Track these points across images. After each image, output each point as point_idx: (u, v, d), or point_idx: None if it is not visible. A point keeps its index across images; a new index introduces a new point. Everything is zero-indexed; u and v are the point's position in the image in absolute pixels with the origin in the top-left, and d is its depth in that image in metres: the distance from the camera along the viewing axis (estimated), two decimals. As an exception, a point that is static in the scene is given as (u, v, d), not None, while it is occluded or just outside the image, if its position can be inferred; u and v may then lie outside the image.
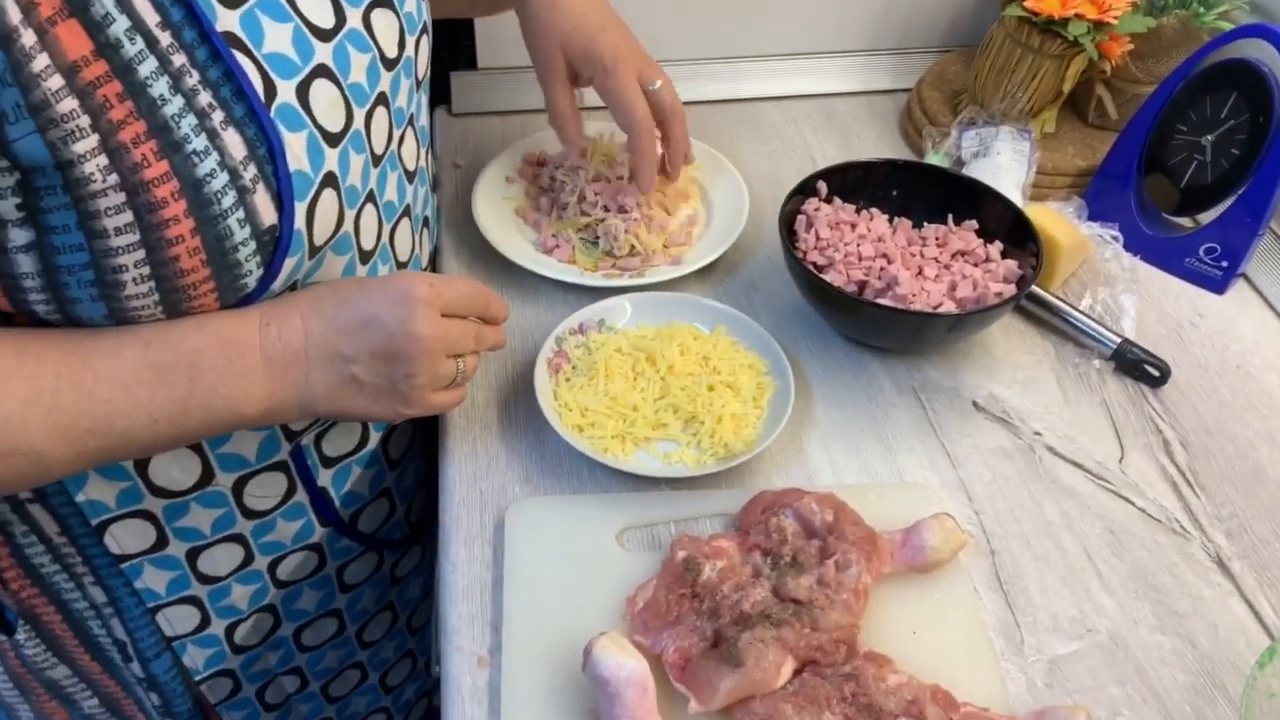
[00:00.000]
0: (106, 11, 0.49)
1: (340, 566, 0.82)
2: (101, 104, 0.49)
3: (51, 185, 0.50)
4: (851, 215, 0.83)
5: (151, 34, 0.50)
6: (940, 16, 1.06)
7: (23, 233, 0.51)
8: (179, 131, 0.51)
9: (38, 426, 0.54)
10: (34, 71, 0.47)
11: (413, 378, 0.61)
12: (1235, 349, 0.82)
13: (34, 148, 0.48)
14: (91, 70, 0.48)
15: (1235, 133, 0.84)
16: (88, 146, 0.49)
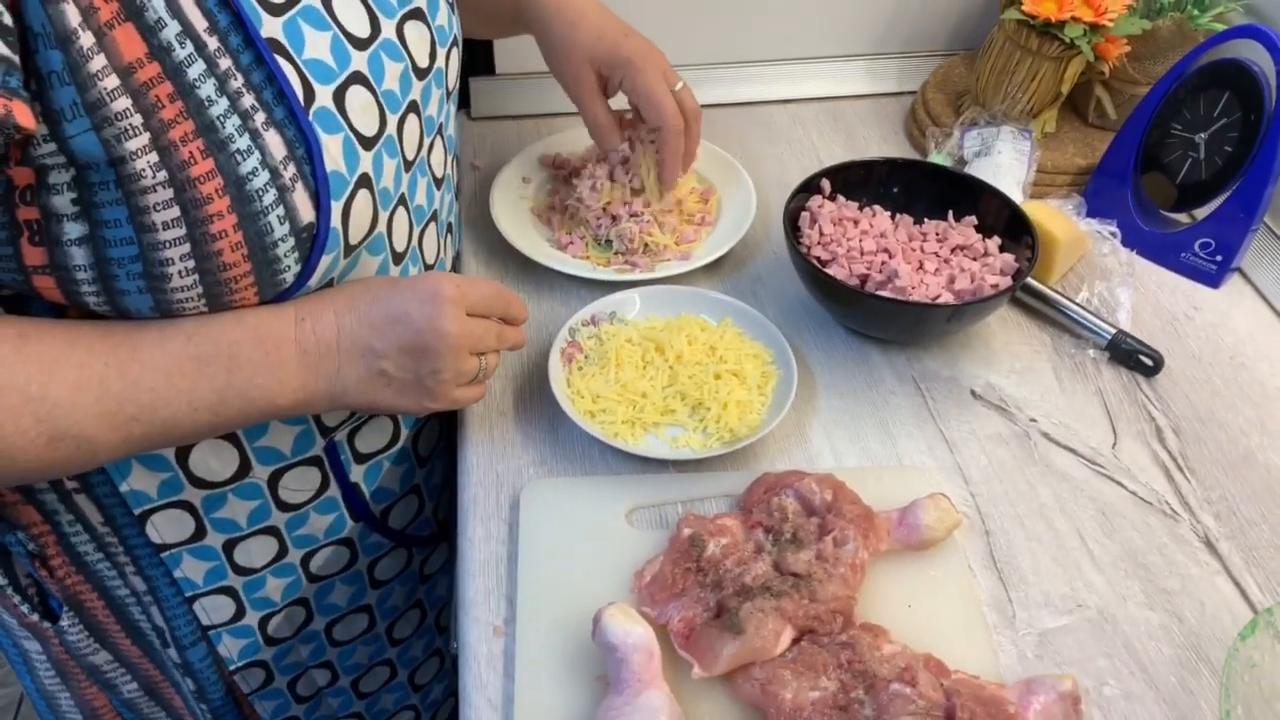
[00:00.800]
0: (159, 17, 0.52)
1: (371, 562, 0.85)
2: (153, 104, 0.52)
3: (104, 181, 0.53)
4: (854, 212, 0.86)
5: (200, 39, 0.54)
6: (944, 21, 1.10)
7: (77, 226, 0.54)
8: (224, 131, 0.54)
9: (87, 412, 0.57)
10: (91, 72, 0.50)
11: (439, 373, 0.64)
12: (1229, 340, 0.85)
13: (89, 145, 0.51)
14: (145, 72, 0.52)
15: (1228, 131, 0.86)
16: (139, 144, 0.52)
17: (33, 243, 0.55)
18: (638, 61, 0.81)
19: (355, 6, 0.62)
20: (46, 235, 0.55)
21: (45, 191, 0.53)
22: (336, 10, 0.61)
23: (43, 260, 0.56)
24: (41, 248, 0.55)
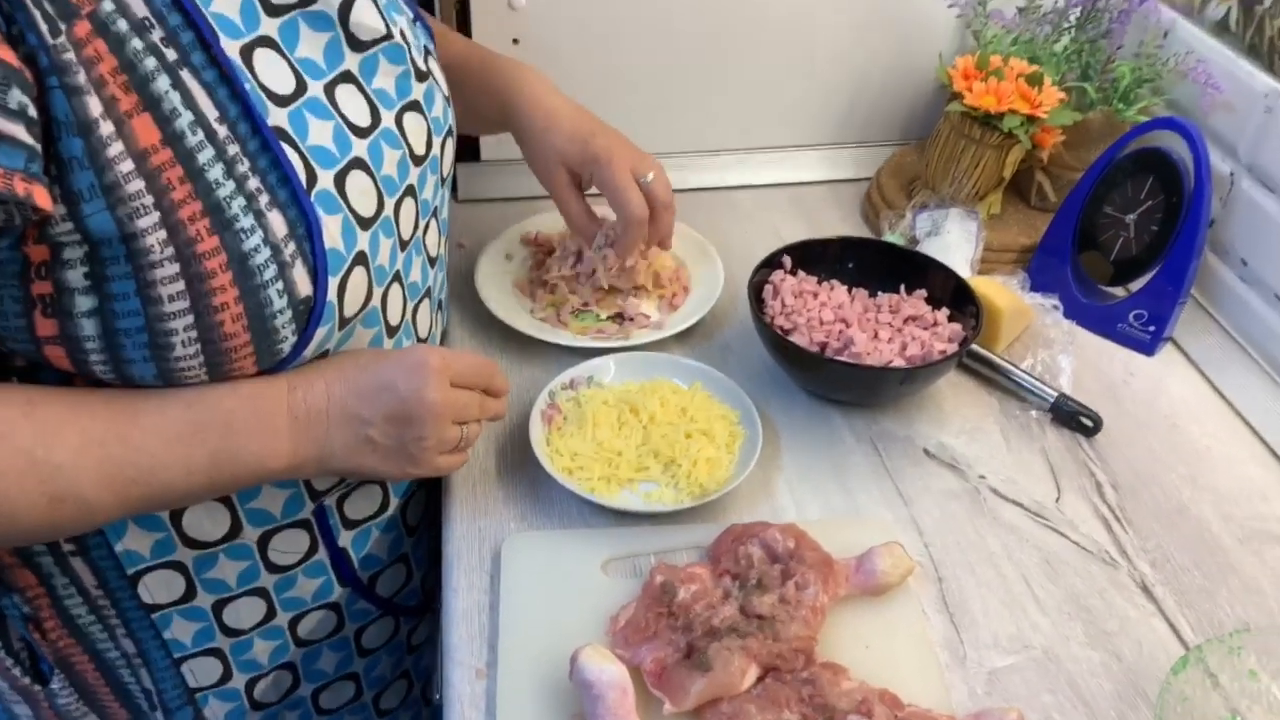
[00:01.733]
0: (174, 107, 0.57)
1: (359, 629, 0.87)
2: (165, 186, 0.57)
3: (115, 256, 0.57)
4: (814, 285, 0.93)
5: (211, 127, 0.59)
6: (895, 114, 1.19)
7: (87, 299, 0.58)
8: (230, 211, 0.59)
9: (88, 476, 0.60)
10: (109, 157, 0.55)
11: (422, 440, 0.68)
12: (1163, 403, 0.91)
13: (103, 223, 0.56)
14: (158, 157, 0.57)
15: (1154, 211, 0.94)
16: (150, 222, 0.57)
17: (45, 315, 0.59)
18: (604, 158, 0.87)
19: (357, 98, 0.69)
20: (58, 308, 0.58)
21: (59, 267, 0.57)
22: (339, 101, 0.67)
23: (54, 332, 0.59)
24: (53, 320, 0.59)
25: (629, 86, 1.11)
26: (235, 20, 0.61)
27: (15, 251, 0.57)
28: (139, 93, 0.56)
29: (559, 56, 1.07)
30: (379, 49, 0.70)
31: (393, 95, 0.72)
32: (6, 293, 0.58)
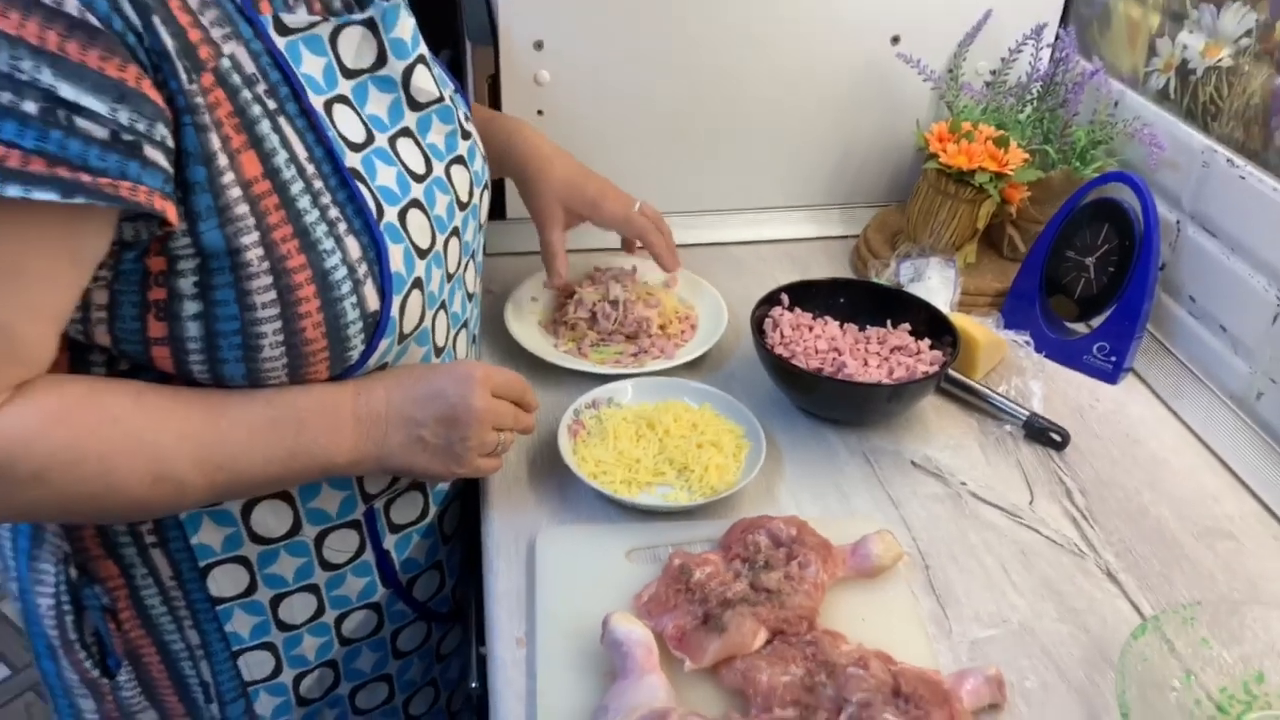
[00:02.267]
0: (274, 147, 0.69)
1: (395, 631, 0.95)
2: (264, 211, 0.68)
3: (221, 268, 0.68)
4: (809, 320, 1.04)
5: (301, 165, 0.71)
6: (881, 177, 1.32)
7: (194, 305, 0.69)
8: (314, 234, 0.70)
9: (185, 458, 0.70)
10: (223, 184, 0.67)
11: (466, 440, 0.79)
12: (1125, 423, 1.01)
13: (214, 239, 0.67)
14: (260, 186, 0.68)
15: (1110, 255, 1.06)
16: (251, 240, 0.68)
17: (157, 318, 0.70)
18: (597, 198, 1.02)
19: (415, 150, 0.81)
20: (169, 312, 0.69)
21: (173, 276, 0.68)
22: (400, 152, 0.79)
23: (163, 333, 0.70)
24: (164, 322, 0.70)
25: (640, 152, 1.24)
26: (319, 80, 0.73)
27: (139, 263, 0.68)
28: (247, 133, 0.68)
29: (578, 126, 1.20)
30: (433, 110, 0.83)
31: (443, 149, 0.84)
32: (127, 298, 0.69)
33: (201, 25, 0.66)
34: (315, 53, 0.73)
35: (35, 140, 0.58)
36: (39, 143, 0.58)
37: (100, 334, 0.71)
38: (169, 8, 0.64)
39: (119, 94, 0.60)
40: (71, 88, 0.59)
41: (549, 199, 1.03)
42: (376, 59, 0.78)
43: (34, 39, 0.57)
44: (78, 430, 0.67)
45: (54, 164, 0.59)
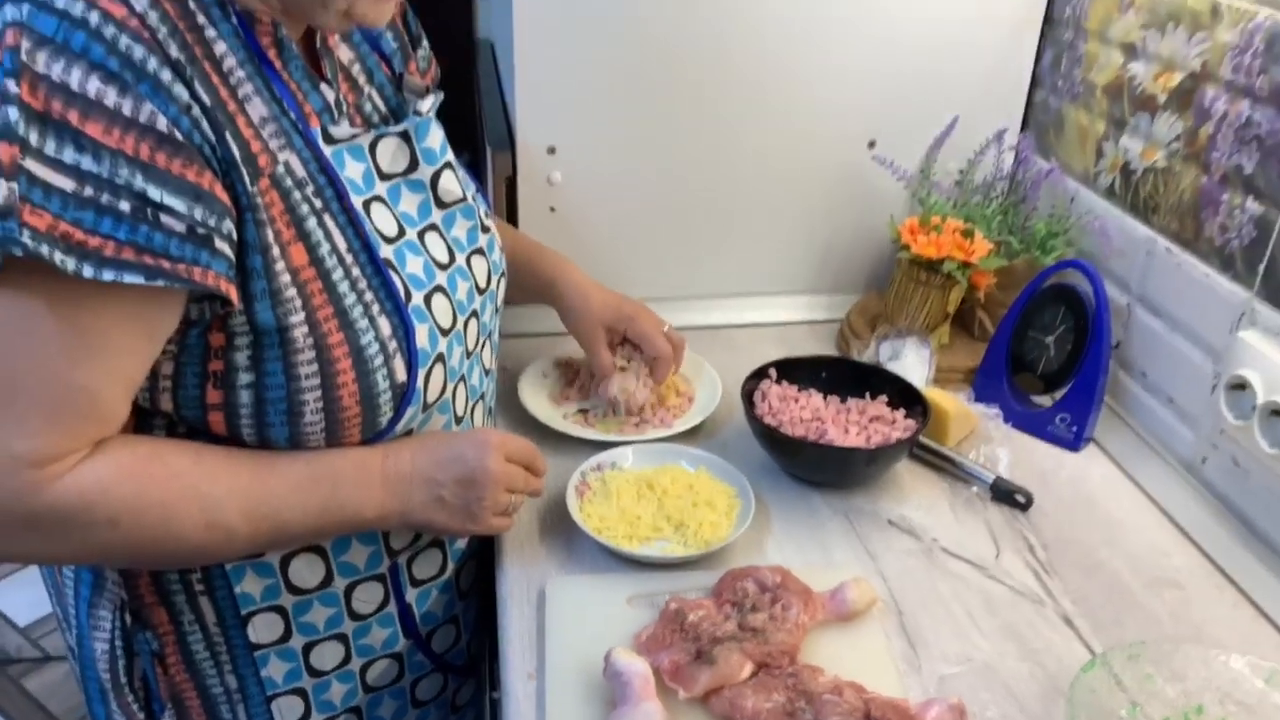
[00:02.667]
0: (319, 240, 0.81)
1: (414, 680, 1.03)
2: (309, 294, 0.80)
3: (271, 343, 0.79)
4: (795, 393, 1.14)
5: (342, 255, 0.83)
6: (862, 266, 1.44)
7: (247, 375, 0.80)
8: (352, 315, 0.82)
9: (235, 509, 0.81)
10: (276, 270, 0.78)
11: (482, 500, 0.89)
12: (1086, 486, 1.11)
13: (267, 318, 0.78)
14: (306, 273, 0.80)
15: (1067, 334, 1.17)
16: (298, 319, 0.79)
17: (215, 387, 0.80)
18: (636, 316, 1.15)
19: (440, 243, 0.93)
20: (225, 382, 0.80)
21: (231, 350, 0.79)
22: (428, 244, 0.91)
23: (219, 400, 0.81)
24: (220, 391, 0.80)
25: (645, 244, 1.37)
26: (360, 182, 0.86)
27: (202, 338, 0.79)
28: (297, 228, 0.80)
29: (588, 221, 1.33)
30: (457, 208, 0.95)
31: (465, 242, 0.96)
32: (190, 369, 0.80)
33: (262, 138, 0.78)
34: (356, 159, 0.86)
35: (128, 233, 0.70)
36: (130, 235, 0.70)
37: (164, 401, 0.81)
38: (236, 124, 0.76)
39: (195, 195, 0.72)
40: (158, 190, 0.70)
41: (592, 322, 1.15)
42: (409, 164, 0.90)
43: (130, 151, 0.69)
44: (145, 483, 0.77)
45: (141, 253, 0.70)
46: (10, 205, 0.66)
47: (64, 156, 0.67)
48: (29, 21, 0.67)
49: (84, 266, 0.68)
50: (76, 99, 0.67)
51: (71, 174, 0.67)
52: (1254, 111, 0.99)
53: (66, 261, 0.68)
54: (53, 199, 0.67)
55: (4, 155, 0.66)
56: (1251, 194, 0.99)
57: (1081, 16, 1.26)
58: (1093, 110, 1.25)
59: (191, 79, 0.73)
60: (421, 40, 1.02)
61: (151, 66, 0.70)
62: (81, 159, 0.68)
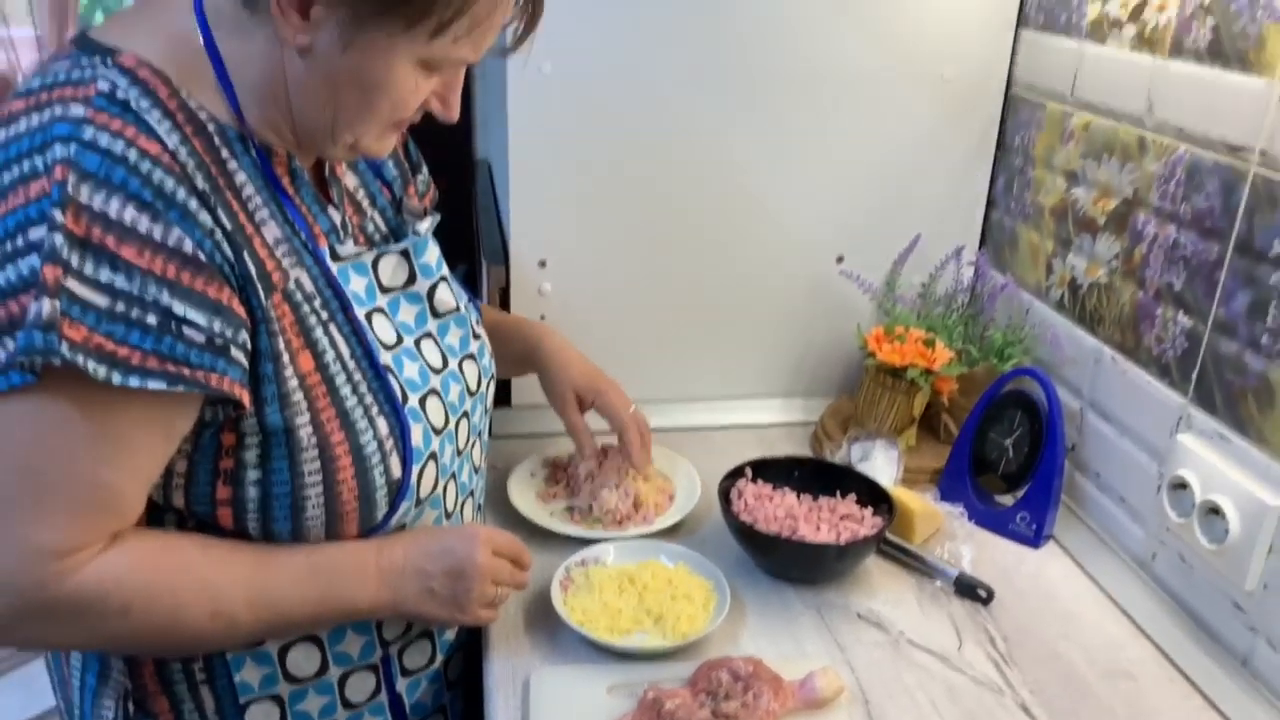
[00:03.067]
0: (324, 348, 0.89)
1: None
2: (315, 397, 0.87)
3: (279, 443, 0.86)
4: (770, 491, 1.21)
5: (345, 361, 0.90)
6: (834, 371, 1.52)
7: (255, 473, 0.86)
8: (353, 417, 0.89)
9: (239, 599, 0.86)
10: (285, 376, 0.85)
11: (470, 592, 0.94)
12: (1045, 582, 1.17)
13: (275, 419, 0.86)
14: (312, 379, 0.87)
15: (1024, 437, 1.24)
16: (304, 421, 0.86)
17: (225, 484, 0.87)
18: (605, 390, 1.22)
19: (435, 350, 1.00)
20: (234, 479, 0.87)
21: (241, 449, 0.86)
22: (423, 351, 0.99)
23: (228, 496, 0.87)
24: (229, 487, 0.87)
25: (629, 350, 1.45)
26: (363, 295, 0.94)
27: (214, 438, 0.85)
28: (305, 338, 0.88)
29: (576, 328, 1.40)
30: (450, 317, 1.03)
31: (457, 348, 1.04)
32: (202, 467, 0.86)
33: (276, 257, 0.87)
34: (360, 274, 0.94)
35: (153, 344, 0.77)
36: (155, 346, 0.77)
37: (177, 497, 0.88)
38: (253, 245, 0.85)
39: (215, 310, 0.80)
40: (182, 306, 0.78)
41: (565, 386, 1.22)
42: (408, 279, 0.99)
43: (159, 271, 0.77)
44: (157, 573, 0.83)
45: (164, 361, 0.77)
46: (52, 319, 0.74)
47: (100, 276, 0.75)
48: (75, 159, 0.76)
49: (114, 374, 0.76)
50: (114, 225, 0.76)
51: (106, 292, 0.75)
52: (1180, 234, 1.09)
53: (98, 370, 0.75)
54: (89, 314, 0.75)
55: (49, 276, 0.74)
56: (1182, 309, 1.09)
57: (1029, 145, 1.38)
58: (1042, 230, 1.35)
59: (215, 206, 0.81)
60: (421, 167, 1.12)
61: (180, 196, 0.79)
62: (116, 278, 0.76)
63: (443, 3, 0.80)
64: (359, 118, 0.86)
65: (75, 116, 0.77)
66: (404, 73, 0.84)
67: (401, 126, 0.91)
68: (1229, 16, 1.01)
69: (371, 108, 0.85)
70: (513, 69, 1.29)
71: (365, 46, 0.81)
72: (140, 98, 0.80)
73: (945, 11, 1.35)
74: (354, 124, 0.87)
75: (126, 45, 0.83)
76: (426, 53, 0.83)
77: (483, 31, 0.84)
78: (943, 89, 1.39)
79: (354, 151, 0.90)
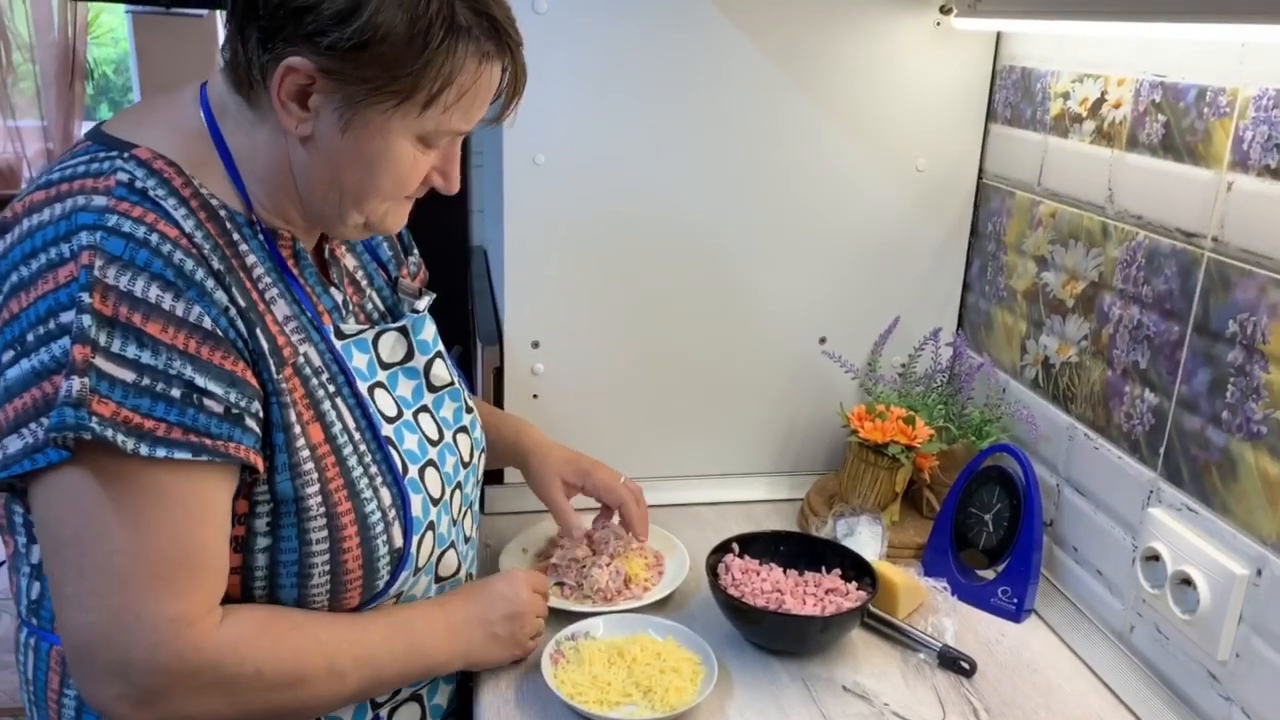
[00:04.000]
0: (332, 420, 0.93)
1: None
2: (323, 468, 0.91)
3: (288, 511, 0.90)
4: (756, 566, 1.23)
5: (351, 432, 0.95)
6: (819, 449, 1.56)
7: (264, 540, 0.90)
8: (359, 486, 0.93)
9: (347, 654, 0.92)
10: (295, 446, 0.90)
11: (525, 629, 1.05)
12: (1027, 654, 1.19)
13: (286, 488, 0.89)
14: (321, 449, 0.92)
15: (1003, 512, 1.28)
16: (313, 490, 0.90)
17: (234, 550, 0.90)
18: (590, 470, 1.27)
19: (431, 422, 1.05)
20: (244, 546, 0.90)
21: (252, 517, 0.89)
22: (421, 423, 1.03)
23: (238, 564, 0.90)
24: (240, 555, 0.90)
25: (619, 428, 1.49)
26: (365, 370, 0.99)
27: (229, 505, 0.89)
28: (314, 410, 0.92)
29: (567, 407, 1.46)
30: (445, 391, 1.08)
31: (451, 421, 1.08)
32: None
33: (286, 333, 0.91)
34: (362, 351, 0.99)
35: (177, 416, 0.82)
36: (180, 418, 0.82)
37: None
38: (265, 321, 0.90)
39: (231, 381, 0.85)
40: (203, 378, 0.83)
41: (550, 475, 1.27)
42: (406, 354, 1.04)
43: (182, 345, 0.82)
44: (277, 635, 0.89)
45: (187, 432, 0.82)
46: (82, 396, 0.78)
47: (128, 352, 0.80)
48: (101, 244, 0.81)
49: (140, 445, 0.80)
50: (140, 304, 0.81)
51: (133, 367, 0.80)
52: (1143, 315, 1.14)
53: (126, 442, 0.79)
54: (116, 389, 0.79)
55: (78, 355, 0.79)
56: (1148, 386, 1.14)
57: (1001, 231, 1.44)
58: (1015, 312, 1.41)
59: (229, 285, 0.86)
60: (412, 249, 1.19)
61: (199, 276, 0.84)
62: (142, 354, 0.80)
63: (429, 77, 0.86)
64: (364, 196, 0.92)
65: (98, 206, 0.83)
66: (402, 148, 0.90)
67: (408, 201, 0.97)
68: (1178, 113, 1.09)
69: (375, 185, 0.91)
70: (509, 160, 1.36)
71: (362, 126, 0.88)
72: (157, 187, 0.86)
73: (919, 108, 1.43)
74: (360, 203, 0.92)
75: (140, 139, 0.89)
76: (420, 127, 0.89)
77: (470, 99, 0.90)
78: (917, 179, 1.46)
79: (367, 230, 0.96)
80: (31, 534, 0.91)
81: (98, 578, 0.82)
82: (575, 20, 1.32)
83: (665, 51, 1.35)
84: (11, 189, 4.96)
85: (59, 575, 0.83)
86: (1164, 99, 1.11)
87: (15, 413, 0.81)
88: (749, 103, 1.39)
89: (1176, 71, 1.09)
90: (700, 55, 1.36)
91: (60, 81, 4.87)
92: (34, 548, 0.92)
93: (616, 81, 1.35)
